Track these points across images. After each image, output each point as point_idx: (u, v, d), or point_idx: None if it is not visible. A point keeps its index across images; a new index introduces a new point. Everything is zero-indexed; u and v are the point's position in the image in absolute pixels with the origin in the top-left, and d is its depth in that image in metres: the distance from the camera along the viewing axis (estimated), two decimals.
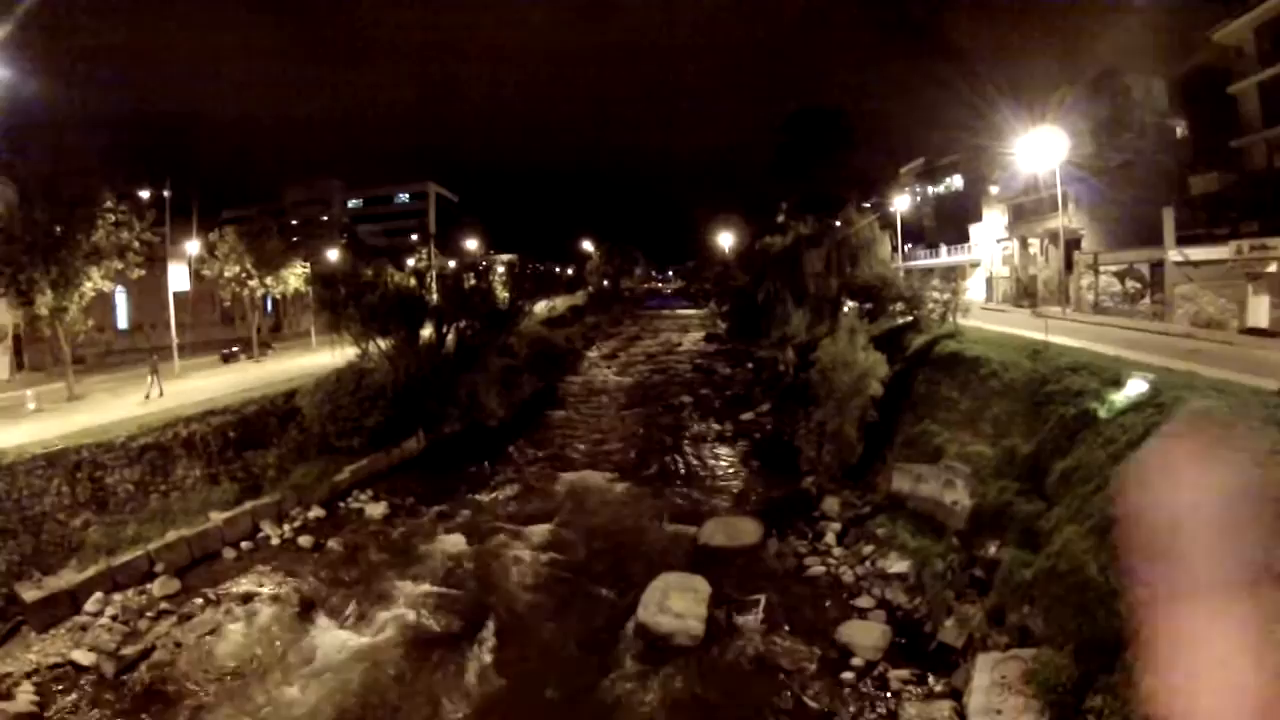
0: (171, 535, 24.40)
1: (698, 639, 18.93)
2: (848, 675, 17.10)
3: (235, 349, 53.77)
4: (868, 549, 23.22)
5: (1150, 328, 39.45)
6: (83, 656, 18.58)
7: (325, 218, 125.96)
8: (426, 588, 22.73)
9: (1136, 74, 54.77)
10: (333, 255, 66.83)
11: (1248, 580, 1.91)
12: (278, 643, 19.78)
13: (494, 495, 31.89)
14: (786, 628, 19.67)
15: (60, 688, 17.66)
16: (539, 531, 27.37)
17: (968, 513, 21.32)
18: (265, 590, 22.73)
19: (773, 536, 25.68)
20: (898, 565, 21.47)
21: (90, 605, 20.76)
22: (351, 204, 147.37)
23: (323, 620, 21.07)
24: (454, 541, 26.46)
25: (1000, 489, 20.69)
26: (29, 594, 20.32)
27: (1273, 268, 36.30)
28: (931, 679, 16.39)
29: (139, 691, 17.66)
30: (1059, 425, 20.71)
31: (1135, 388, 19.52)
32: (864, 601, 20.51)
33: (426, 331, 41.63)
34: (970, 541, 20.23)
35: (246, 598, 22.18)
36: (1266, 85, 43.17)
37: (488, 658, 18.97)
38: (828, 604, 20.82)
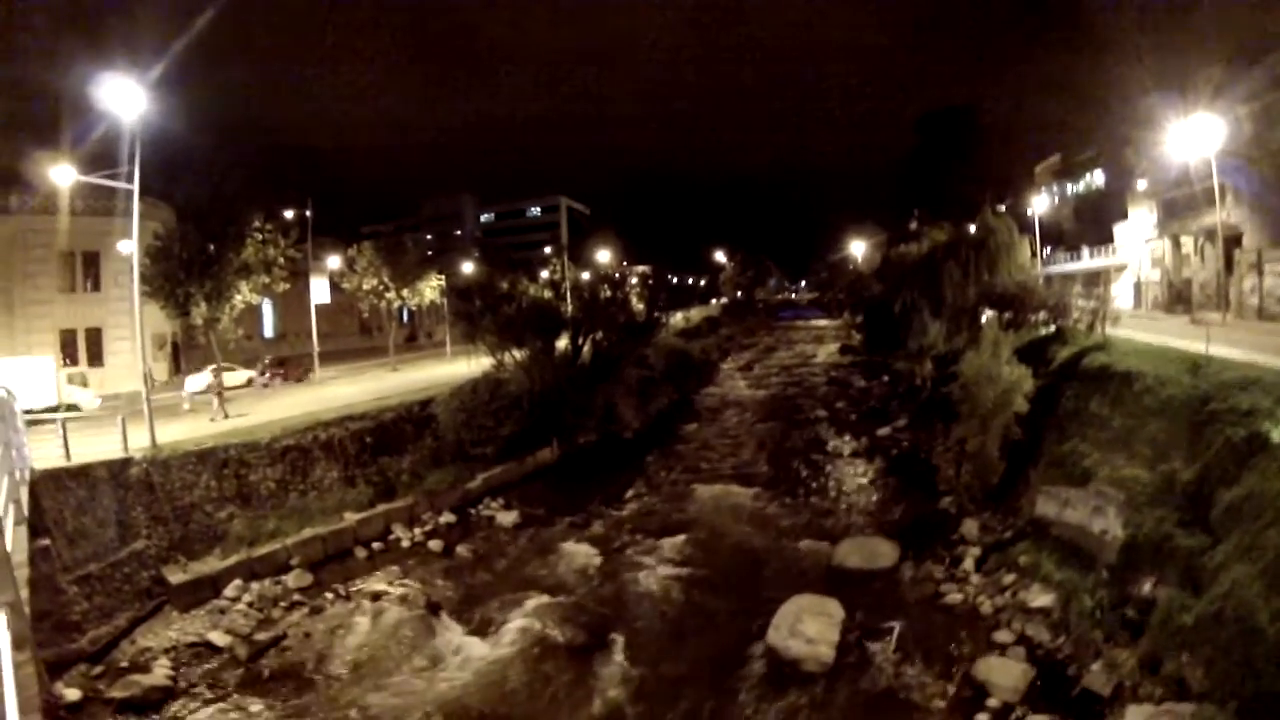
0: (308, 532, 26.30)
1: (827, 665, 18.63)
2: (982, 716, 16.36)
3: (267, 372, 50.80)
4: (1008, 578, 22.23)
5: None
6: (219, 638, 20.17)
7: (458, 232, 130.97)
8: (554, 598, 23.18)
9: None
10: (467, 268, 69.25)
11: None
12: (403, 641, 20.66)
13: (627, 507, 32.43)
14: (919, 659, 19.05)
15: (194, 665, 19.14)
16: (671, 545, 27.58)
17: (1120, 544, 20.05)
18: (394, 590, 23.95)
19: (908, 559, 25.06)
20: (1040, 598, 20.44)
21: (229, 591, 22.67)
22: (484, 218, 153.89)
23: (448, 623, 21.83)
24: (584, 552, 26.96)
25: (1157, 519, 19.36)
26: (175, 577, 22.37)
27: None
28: None
29: (268, 675, 18.94)
30: (1226, 449, 19.22)
31: None
32: (1003, 636, 19.58)
33: (562, 343, 42.56)
34: (1122, 577, 19.03)
35: (375, 595, 23.48)
36: None
37: (612, 673, 19.16)
38: (964, 636, 20.01)
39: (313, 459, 29.41)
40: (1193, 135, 30.79)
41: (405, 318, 73.67)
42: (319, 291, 53.24)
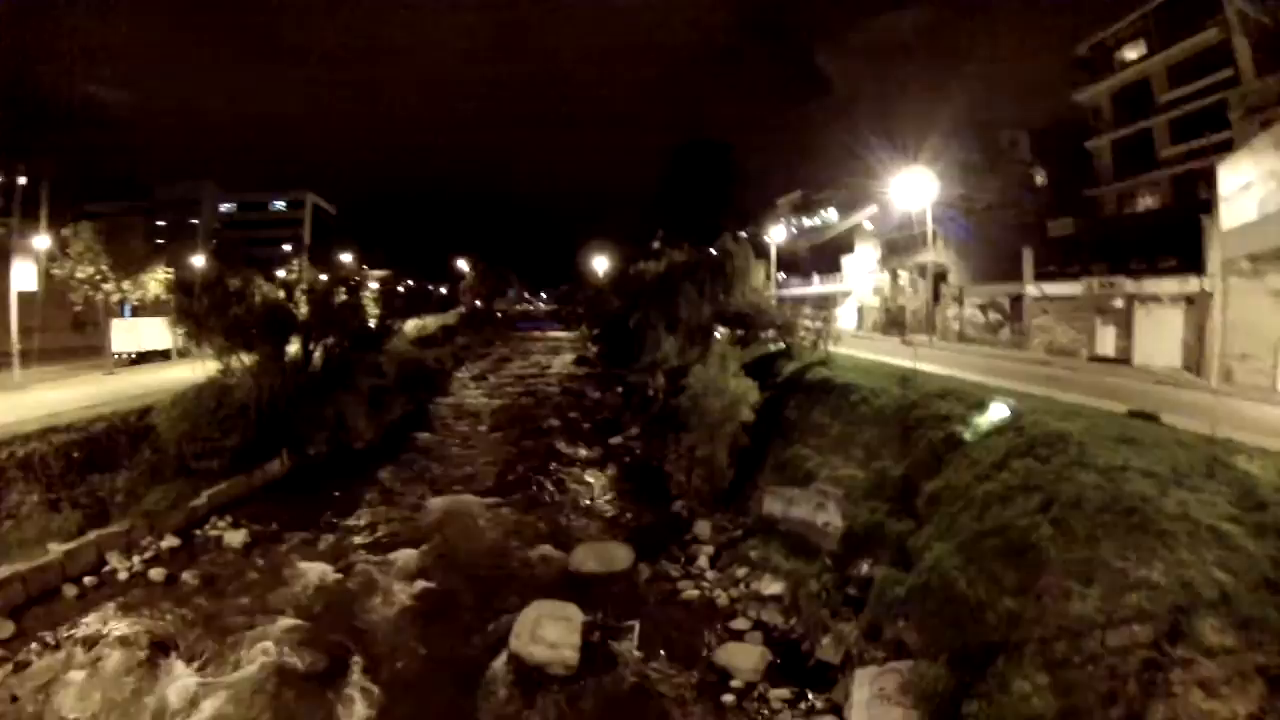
0: (4, 571, 22.52)
1: (573, 668, 19.39)
2: (728, 698, 18.09)
3: None
4: (741, 571, 24.50)
5: (1010, 355, 44.70)
6: None
7: (195, 221, 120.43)
8: (289, 622, 22.20)
9: (1005, 126, 63.23)
10: (199, 261, 63.52)
11: None
12: (126, 692, 18.68)
13: (361, 520, 31.58)
14: (663, 653, 20.48)
15: None
16: (407, 558, 27.38)
17: (840, 534, 22.88)
18: (112, 631, 21.35)
19: (645, 561, 26.63)
20: (772, 587, 22.75)
21: None
22: (225, 208, 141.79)
23: (176, 663, 20.05)
24: (319, 570, 26.03)
25: (871, 510, 22.36)
26: None
27: (1119, 303, 41.96)
28: (811, 696, 17.69)
29: None
30: (927, 448, 22.71)
31: (998, 412, 21.72)
32: (740, 624, 21.73)
33: (293, 348, 40.87)
34: (843, 561, 21.72)
35: (91, 641, 20.78)
36: (1119, 143, 52.38)
37: (355, 695, 18.82)
38: (704, 628, 21.83)
39: (7, 480, 25.62)
40: (912, 186, 36.54)
41: (128, 314, 66.46)
42: (22, 277, 46.47)
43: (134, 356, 52.11)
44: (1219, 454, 16.39)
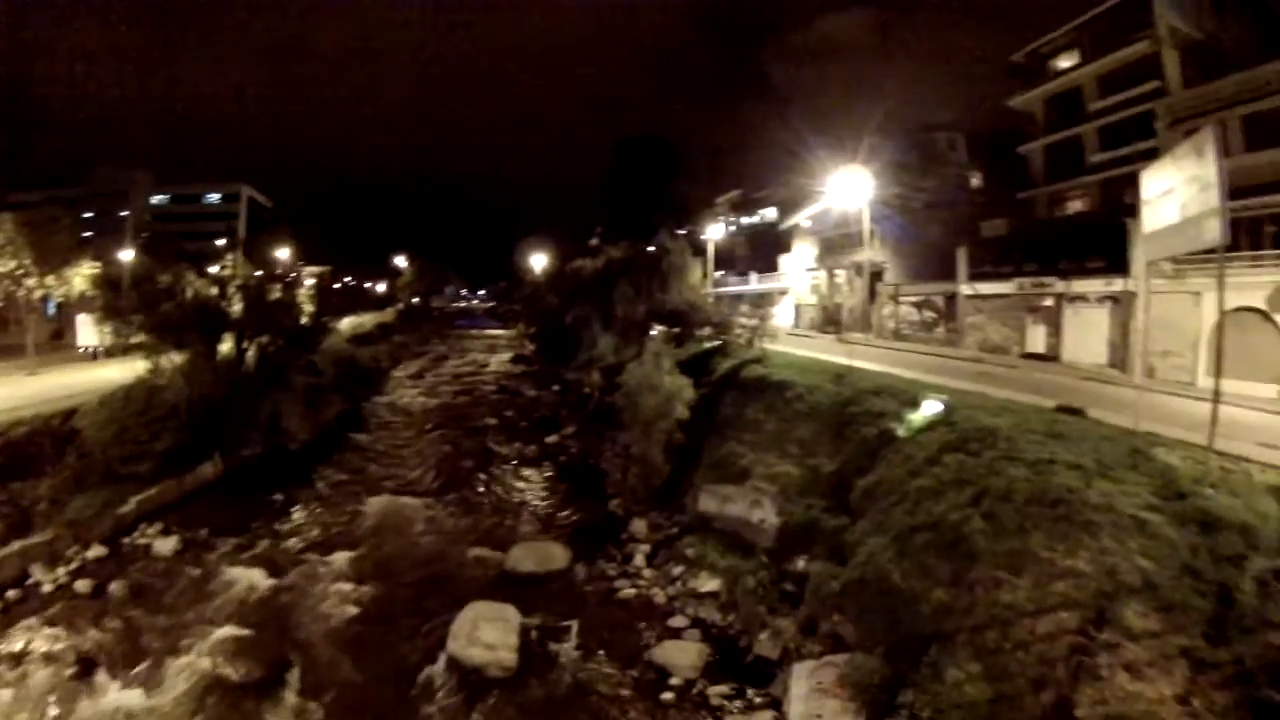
0: None
1: (511, 669, 19.31)
2: (667, 696, 18.18)
3: None
4: (678, 569, 24.61)
5: (944, 353, 45.86)
6: None
7: (125, 213, 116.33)
8: (223, 631, 21.43)
9: (943, 129, 65.06)
10: (128, 256, 60.97)
11: None
12: (52, 711, 17.99)
13: (296, 524, 30.88)
14: (601, 652, 20.46)
15: None
16: (343, 561, 26.86)
17: (775, 530, 23.25)
18: (37, 648, 20.37)
19: (582, 560, 26.58)
20: (709, 584, 22.93)
21: None
22: (156, 200, 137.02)
23: (105, 679, 19.24)
24: (253, 577, 25.27)
25: (806, 506, 22.77)
26: None
27: (1049, 302, 44.03)
28: (751, 691, 17.84)
29: None
30: (861, 445, 23.16)
31: (931, 408, 22.20)
32: (678, 621, 21.81)
33: (226, 346, 39.82)
34: (779, 557, 22.10)
35: (15, 658, 19.87)
36: (1051, 148, 54.52)
37: (292, 705, 18.41)
38: (641, 626, 21.86)
39: None
40: (850, 185, 37.30)
41: (52, 311, 63.65)
42: None
43: (99, 351, 50.27)
44: (1141, 446, 17.02)
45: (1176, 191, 16.31)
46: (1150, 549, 12.59)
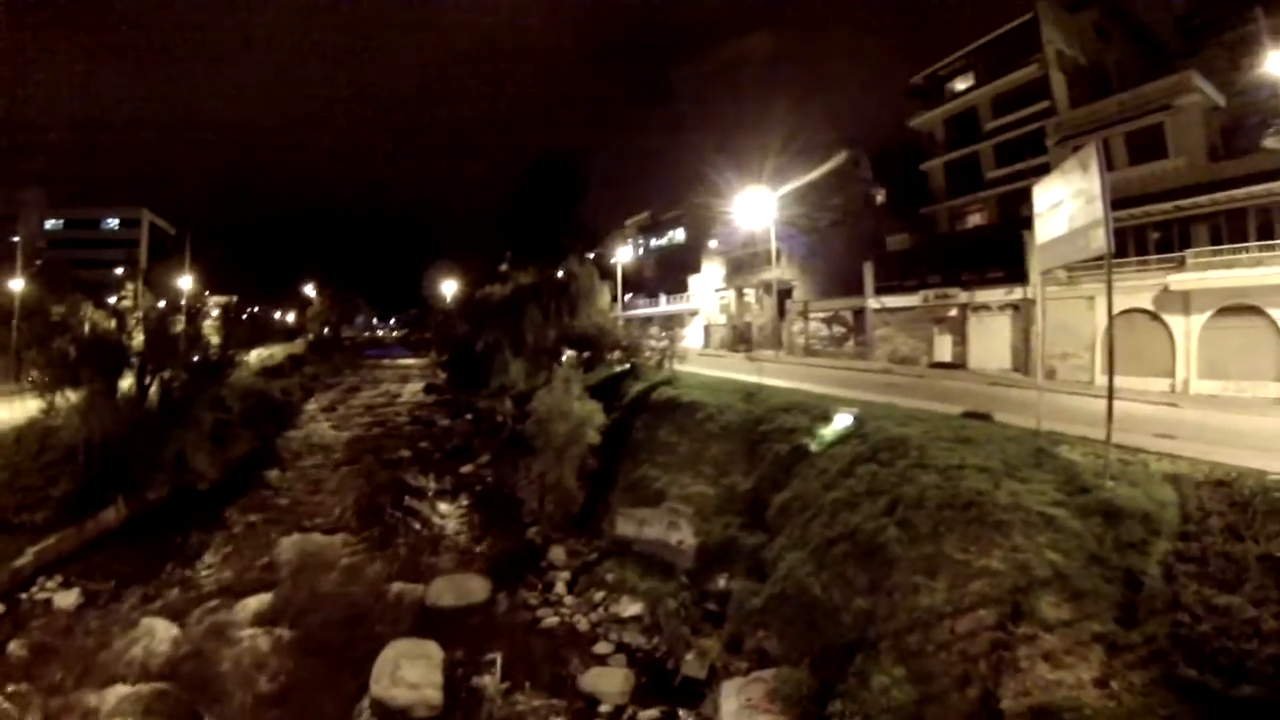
0: None
1: (437, 708, 18.99)
2: None
3: None
4: (599, 595, 24.54)
5: (855, 366, 47.12)
6: None
7: (15, 239, 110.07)
8: (132, 689, 20.29)
9: (847, 147, 68.19)
10: (18, 285, 57.61)
11: None
12: None
13: (207, 568, 29.48)
14: (528, 684, 20.18)
15: None
16: (258, 605, 25.82)
17: (694, 550, 23.41)
18: None
19: (503, 591, 26.27)
20: (631, 608, 22.92)
21: None
22: (50, 225, 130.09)
23: None
24: (163, 628, 23.89)
25: (724, 525, 23.01)
26: None
27: (953, 312, 46.14)
28: (682, 713, 17.79)
29: None
30: (775, 462, 23.53)
31: (842, 422, 22.69)
32: (603, 648, 21.70)
33: (127, 382, 37.92)
34: (700, 578, 22.25)
35: None
36: (951, 164, 57.47)
37: None
38: (567, 654, 21.67)
39: None
40: (756, 205, 38.35)
41: None
42: None
43: None
44: (1045, 445, 17.69)
45: (1065, 204, 17.13)
46: (1059, 542, 13.09)
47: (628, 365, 42.05)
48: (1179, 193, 35.71)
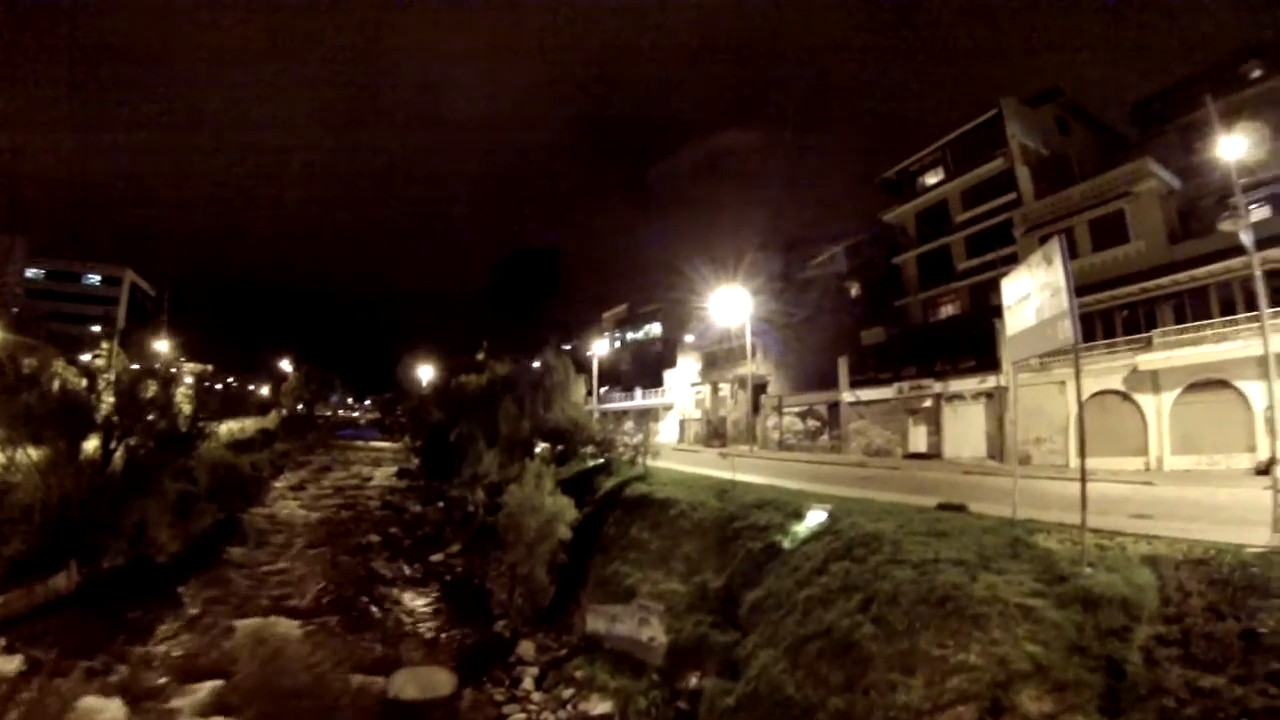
0: None
1: None
2: None
3: None
4: (568, 692, 23.79)
5: (829, 459, 47.06)
6: None
7: None
8: None
9: (821, 242, 70.04)
10: None
11: None
12: None
13: (160, 646, 28.20)
14: None
15: None
16: (212, 690, 24.58)
17: (665, 648, 22.83)
18: None
19: (469, 685, 25.45)
20: (600, 706, 22.23)
21: None
22: (30, 273, 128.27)
23: None
24: (107, 707, 22.65)
25: (695, 623, 22.48)
26: None
27: (927, 403, 46.81)
28: None
29: None
30: (747, 559, 23.19)
31: (815, 518, 22.52)
32: None
33: (92, 445, 36.94)
34: (671, 676, 21.62)
35: None
36: (923, 257, 59.02)
37: None
38: None
39: None
40: (731, 302, 39.00)
41: None
42: None
43: None
44: (1020, 534, 17.48)
45: (1033, 297, 17.36)
46: (1038, 633, 12.79)
47: (601, 460, 41.80)
48: (1142, 275, 37.00)
